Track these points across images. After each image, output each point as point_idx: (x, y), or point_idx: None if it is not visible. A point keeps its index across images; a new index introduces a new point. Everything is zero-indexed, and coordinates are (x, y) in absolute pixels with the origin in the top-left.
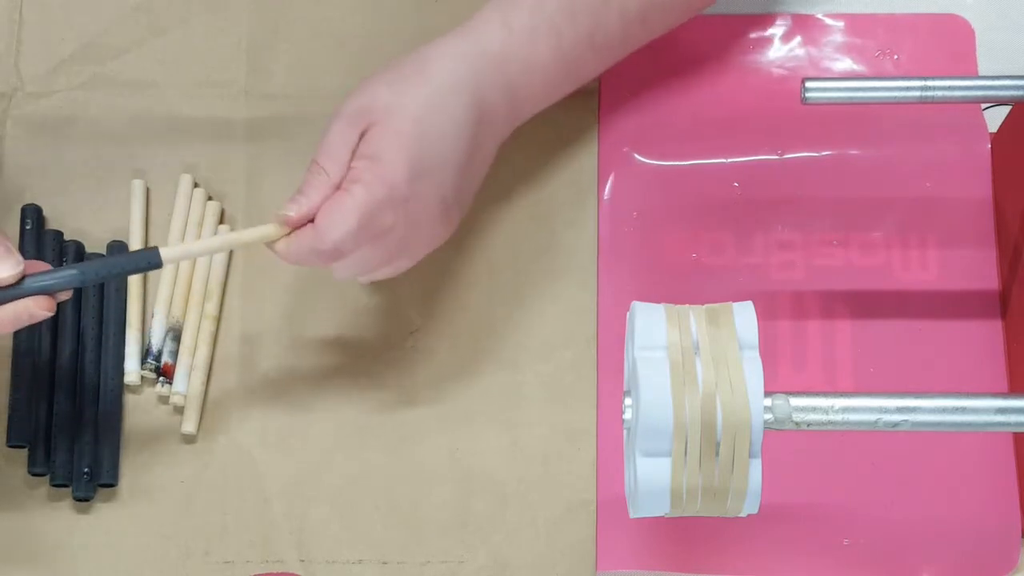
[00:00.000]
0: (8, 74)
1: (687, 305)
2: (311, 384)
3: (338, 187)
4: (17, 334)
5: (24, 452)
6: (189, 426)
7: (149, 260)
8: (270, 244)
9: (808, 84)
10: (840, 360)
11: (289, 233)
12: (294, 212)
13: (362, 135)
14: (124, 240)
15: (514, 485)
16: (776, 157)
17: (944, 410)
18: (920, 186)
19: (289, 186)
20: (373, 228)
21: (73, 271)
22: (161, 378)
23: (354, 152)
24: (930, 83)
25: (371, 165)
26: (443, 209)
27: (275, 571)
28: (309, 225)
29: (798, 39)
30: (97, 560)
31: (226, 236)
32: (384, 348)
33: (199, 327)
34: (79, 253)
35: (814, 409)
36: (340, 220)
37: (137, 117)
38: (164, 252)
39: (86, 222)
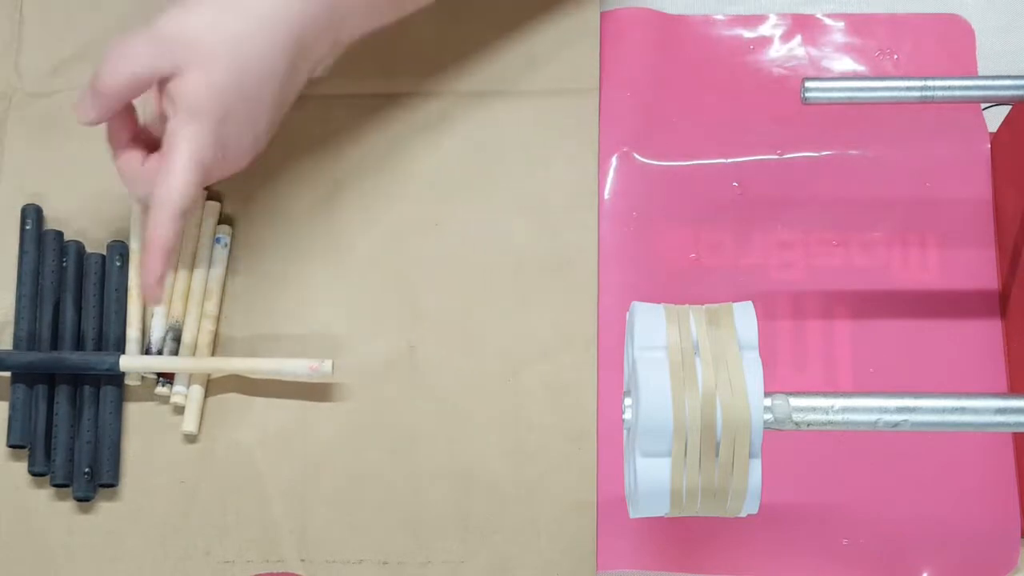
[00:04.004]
0: (8, 74)
1: (687, 305)
2: (311, 384)
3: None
4: (17, 334)
5: (24, 452)
6: (189, 426)
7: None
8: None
9: (808, 84)
10: (840, 360)
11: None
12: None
13: (172, 75)
14: (124, 240)
15: (514, 485)
16: (776, 157)
17: (944, 410)
18: (920, 186)
19: (290, 185)
20: (204, 175)
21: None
22: (161, 378)
23: (152, 77)
24: (930, 83)
25: (190, 120)
26: (253, 142)
27: (275, 571)
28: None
29: (798, 39)
30: (97, 560)
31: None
32: (384, 348)
33: (199, 327)
34: (79, 253)
35: (814, 409)
36: (181, 186)
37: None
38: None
39: (86, 222)
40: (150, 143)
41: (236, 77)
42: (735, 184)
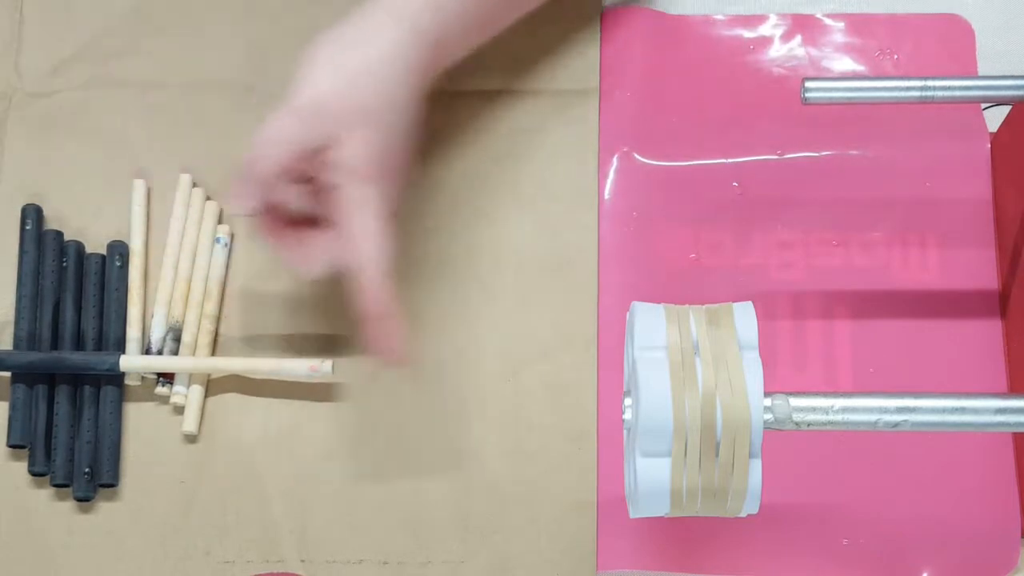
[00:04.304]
0: (8, 74)
1: (687, 305)
2: (311, 384)
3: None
4: (17, 334)
5: (25, 452)
6: (189, 426)
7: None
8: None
9: (808, 84)
10: (840, 360)
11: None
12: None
13: (326, 146)
14: (124, 240)
15: (514, 485)
16: (776, 157)
17: (944, 410)
18: (920, 186)
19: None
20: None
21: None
22: (161, 378)
23: (304, 151)
24: (930, 83)
25: (362, 182)
26: (401, 180)
27: (275, 571)
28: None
29: (798, 39)
30: (97, 560)
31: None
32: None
33: (199, 327)
34: (79, 253)
35: (814, 409)
36: (381, 248)
37: (137, 117)
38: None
39: (86, 222)
40: (293, 219)
41: (383, 129)
42: (735, 184)
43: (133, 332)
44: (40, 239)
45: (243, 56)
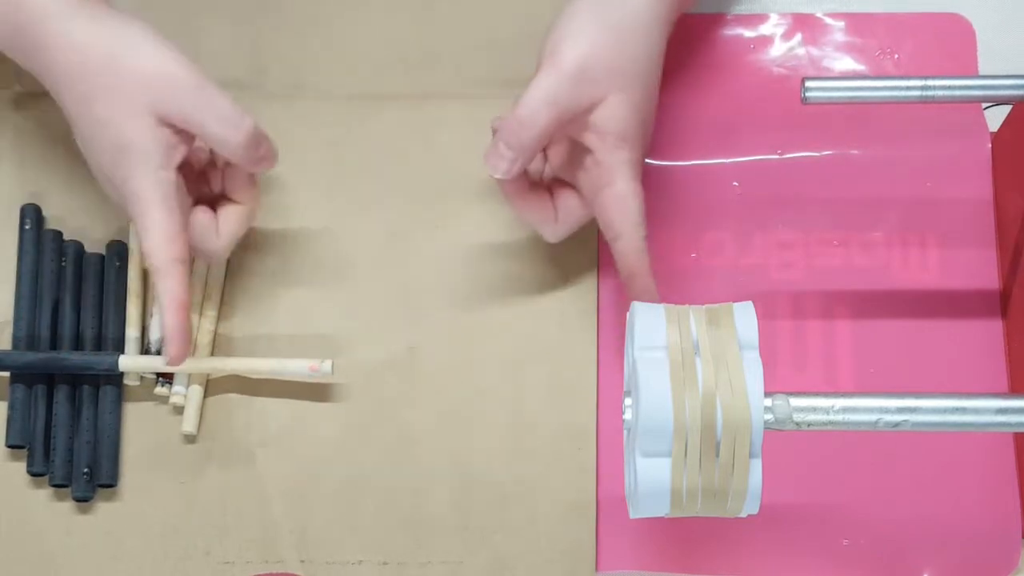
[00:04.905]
0: (8, 74)
1: (687, 305)
2: (311, 384)
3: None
4: (16, 335)
5: (24, 452)
6: (189, 426)
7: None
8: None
9: (808, 84)
10: (840, 360)
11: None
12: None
13: (591, 107)
14: (124, 240)
15: (514, 485)
16: (776, 157)
17: (944, 410)
18: (920, 186)
19: (289, 186)
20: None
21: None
22: (160, 378)
23: (570, 114)
24: (930, 83)
25: (623, 143)
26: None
27: (275, 571)
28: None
29: (798, 39)
30: (97, 560)
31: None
32: (384, 348)
33: (199, 327)
34: (79, 253)
35: (814, 409)
36: (641, 210)
37: None
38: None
39: (85, 222)
40: (535, 180)
41: (645, 87)
42: (735, 184)
43: (132, 332)
44: (39, 239)
45: (243, 56)
